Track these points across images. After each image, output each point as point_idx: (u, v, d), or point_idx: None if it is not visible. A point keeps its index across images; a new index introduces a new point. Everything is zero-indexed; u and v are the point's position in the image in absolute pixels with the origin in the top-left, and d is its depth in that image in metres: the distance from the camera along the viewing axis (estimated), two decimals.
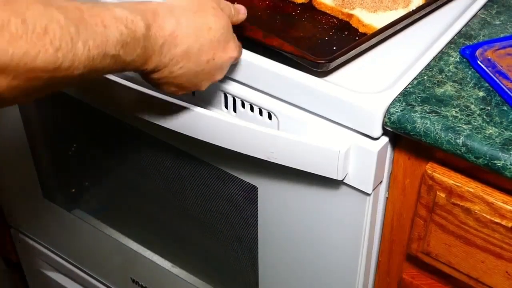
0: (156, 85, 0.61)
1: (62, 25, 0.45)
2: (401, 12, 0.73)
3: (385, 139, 0.66)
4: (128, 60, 0.52)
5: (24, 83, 0.44)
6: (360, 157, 0.65)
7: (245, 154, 0.69)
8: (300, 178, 0.72)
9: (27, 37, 0.43)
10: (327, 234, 0.75)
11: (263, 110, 0.70)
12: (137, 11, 0.53)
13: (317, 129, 0.68)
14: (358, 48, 0.67)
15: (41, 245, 1.27)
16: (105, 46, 0.49)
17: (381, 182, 0.69)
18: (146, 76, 0.59)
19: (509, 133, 0.59)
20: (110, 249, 1.10)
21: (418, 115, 0.61)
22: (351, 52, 0.66)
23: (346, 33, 0.72)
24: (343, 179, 0.67)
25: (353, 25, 0.73)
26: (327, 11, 0.75)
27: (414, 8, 0.74)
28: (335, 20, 0.74)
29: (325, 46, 0.70)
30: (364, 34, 0.72)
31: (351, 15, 0.73)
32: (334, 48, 0.69)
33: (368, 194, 0.68)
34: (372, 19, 0.72)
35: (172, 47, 0.56)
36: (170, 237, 1.01)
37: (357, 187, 0.68)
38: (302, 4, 0.77)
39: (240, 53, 0.65)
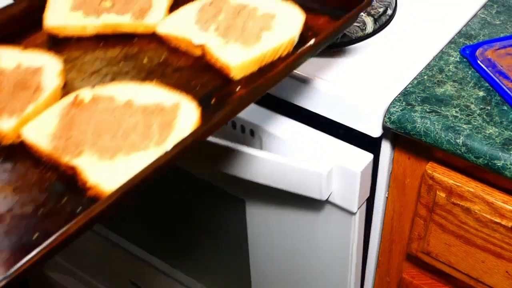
0: None
1: None
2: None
3: (368, 158, 0.65)
4: None
5: None
6: (344, 177, 0.65)
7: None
8: (287, 195, 0.71)
9: None
10: (315, 250, 0.75)
11: (245, 127, 0.70)
12: None
13: (300, 147, 0.67)
14: None
15: None
16: None
17: (368, 199, 0.69)
18: None
19: (509, 133, 0.59)
20: (110, 252, 1.10)
21: (418, 114, 0.61)
22: None
23: None
24: (327, 199, 0.67)
25: None
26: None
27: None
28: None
29: None
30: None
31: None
32: None
33: (353, 213, 0.68)
34: None
35: None
36: (169, 240, 1.01)
37: (342, 206, 0.68)
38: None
39: None
